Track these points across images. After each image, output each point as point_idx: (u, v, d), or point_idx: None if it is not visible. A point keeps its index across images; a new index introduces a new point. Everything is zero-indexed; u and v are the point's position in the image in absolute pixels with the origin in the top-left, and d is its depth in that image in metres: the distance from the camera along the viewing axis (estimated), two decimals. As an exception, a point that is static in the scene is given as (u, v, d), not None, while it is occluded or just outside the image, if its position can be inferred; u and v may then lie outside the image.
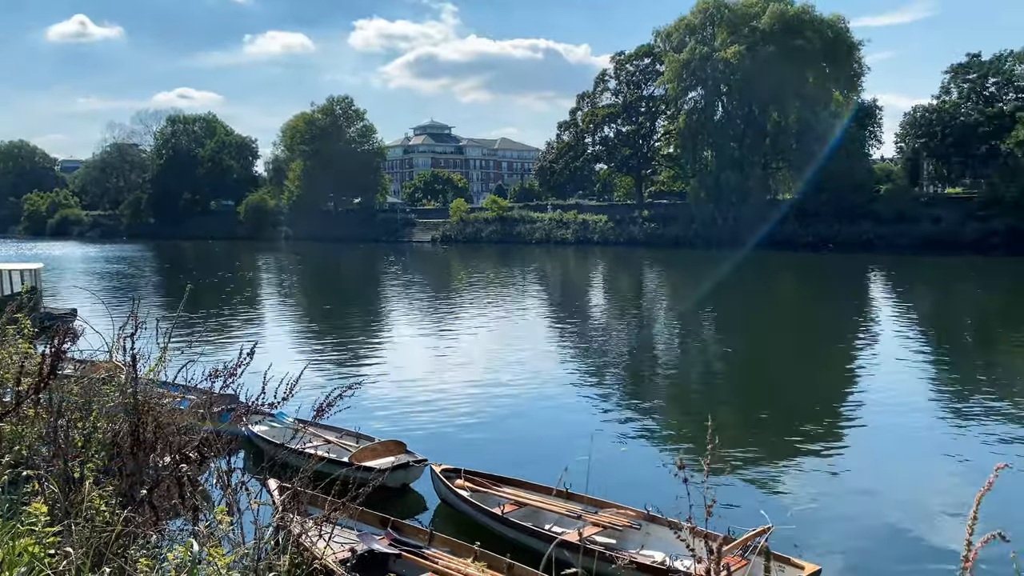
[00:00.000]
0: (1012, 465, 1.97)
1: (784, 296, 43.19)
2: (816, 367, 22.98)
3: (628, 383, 20.62)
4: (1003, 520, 8.34)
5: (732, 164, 73.99)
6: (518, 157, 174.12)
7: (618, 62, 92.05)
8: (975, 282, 46.37)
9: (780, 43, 70.49)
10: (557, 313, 35.65)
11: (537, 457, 13.54)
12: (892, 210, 67.55)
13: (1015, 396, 17.84)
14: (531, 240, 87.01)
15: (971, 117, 70.95)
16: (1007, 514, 8.60)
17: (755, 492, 11.94)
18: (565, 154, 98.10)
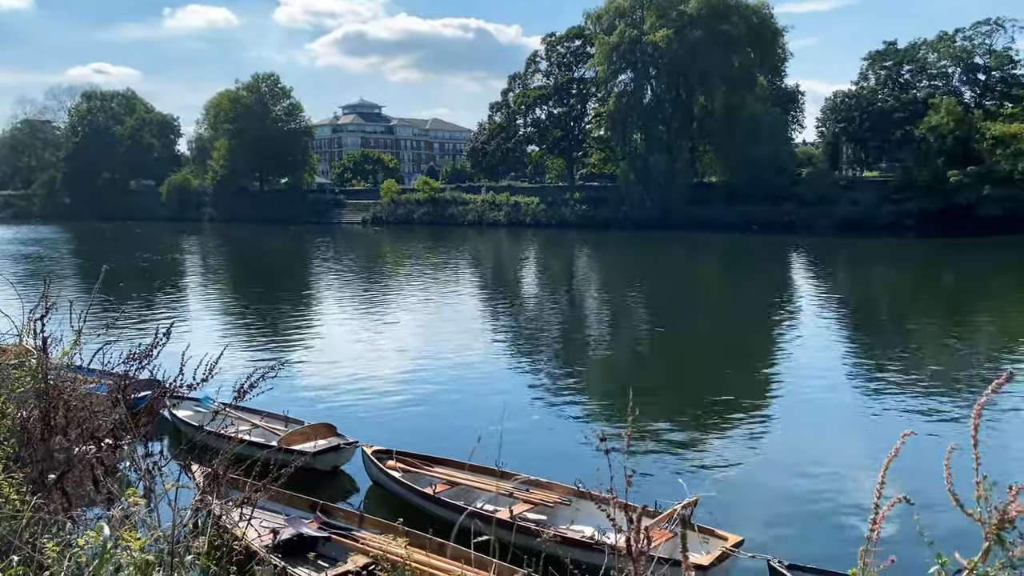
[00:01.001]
0: (918, 432, 2.05)
1: (710, 276, 44.19)
2: (740, 344, 23.62)
3: (558, 361, 20.82)
4: (912, 484, 8.69)
5: (661, 147, 75.04)
6: (450, 138, 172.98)
7: (549, 44, 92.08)
8: (889, 262, 48.33)
9: (707, 27, 71.63)
10: (489, 294, 35.71)
11: (469, 436, 13.57)
12: (813, 192, 69.69)
13: (925, 369, 18.71)
14: (463, 222, 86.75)
15: (887, 103, 73.49)
16: (917, 478, 9.00)
17: (681, 466, 12.24)
18: (497, 135, 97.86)
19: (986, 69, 73.12)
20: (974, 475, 2.02)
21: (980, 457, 2.04)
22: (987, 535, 1.96)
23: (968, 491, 2.10)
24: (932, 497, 2.33)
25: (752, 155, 69.23)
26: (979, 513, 1.98)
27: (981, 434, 3.73)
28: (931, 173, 63.95)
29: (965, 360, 20.06)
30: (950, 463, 2.13)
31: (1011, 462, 11.75)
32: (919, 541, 2.21)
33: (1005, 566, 1.96)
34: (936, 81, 74.59)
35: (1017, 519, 1.95)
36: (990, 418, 14.46)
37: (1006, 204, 59.79)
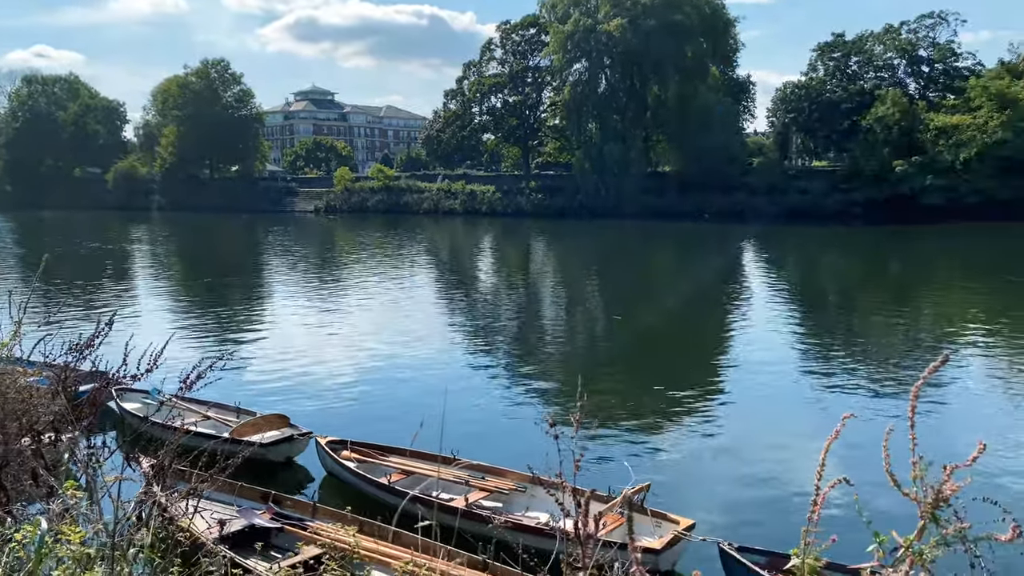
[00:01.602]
0: (866, 415, 2.10)
1: (664, 264, 44.67)
2: (694, 331, 23.94)
3: (515, 349, 20.87)
4: (858, 465, 8.91)
5: (615, 136, 75.43)
6: (404, 125, 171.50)
7: (504, 31, 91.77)
8: (837, 250, 49.42)
9: (660, 17, 72.07)
10: (445, 283, 35.62)
11: (424, 425, 13.54)
12: (764, 182, 70.88)
13: (872, 354, 19.21)
14: (418, 210, 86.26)
15: (835, 94, 74.90)
16: (863, 459, 9.24)
17: (635, 451, 12.37)
18: (452, 123, 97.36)
19: (930, 61, 74.97)
20: (911, 455, 2.07)
21: (917, 438, 2.10)
22: (922, 514, 2.02)
23: (907, 471, 2.16)
24: (875, 478, 2.39)
25: (704, 145, 70.02)
26: (915, 492, 2.03)
27: (925, 416, 3.76)
28: (877, 163, 65.44)
29: (910, 344, 20.63)
30: (888, 444, 2.19)
31: (949, 442, 12.13)
32: (860, 521, 2.27)
33: (939, 543, 2.02)
34: (882, 73, 76.25)
35: (951, 498, 2.01)
36: (934, 399, 14.91)
37: (948, 193, 61.53)
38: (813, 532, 2.16)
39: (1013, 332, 22.23)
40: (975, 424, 13.79)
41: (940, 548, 2.01)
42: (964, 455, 4.85)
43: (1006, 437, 12.82)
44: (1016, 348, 20.09)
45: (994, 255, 43.53)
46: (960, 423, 13.92)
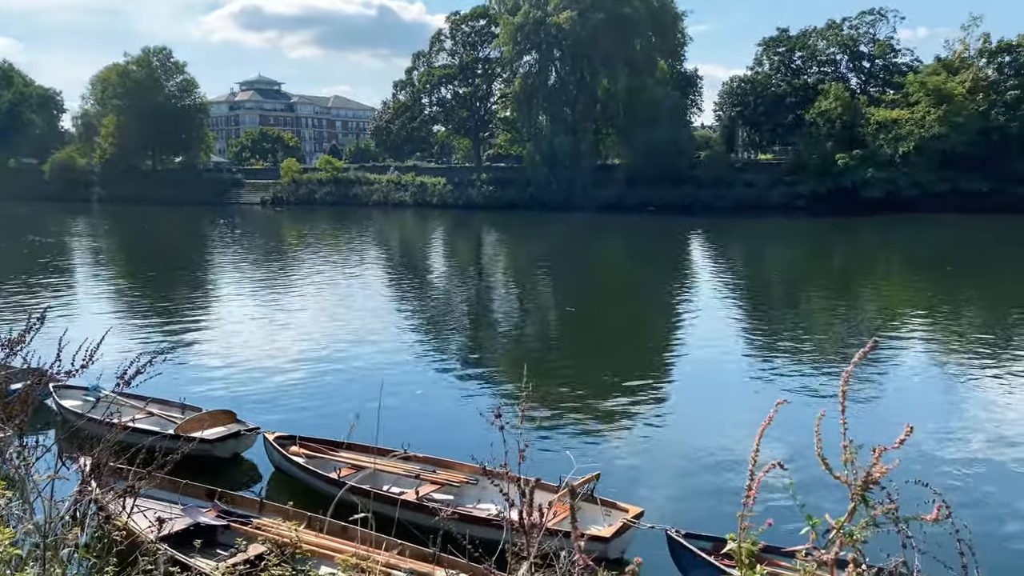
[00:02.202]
0: (802, 401, 2.15)
1: (613, 256, 45.04)
2: (642, 322, 24.23)
3: (465, 342, 20.86)
4: (797, 449, 9.08)
5: (566, 129, 75.70)
6: (353, 116, 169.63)
7: (453, 22, 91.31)
8: (781, 242, 50.45)
9: (609, 10, 72.48)
10: (395, 276, 35.39)
11: (374, 418, 13.47)
12: (711, 175, 71.91)
13: (815, 342, 19.68)
14: (368, 202, 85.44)
15: (780, 88, 76.34)
16: (802, 444, 9.45)
17: (585, 441, 12.48)
18: (402, 114, 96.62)
19: (870, 57, 76.89)
20: (842, 439, 2.13)
21: (849, 423, 2.16)
22: (853, 496, 2.08)
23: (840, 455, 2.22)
24: (812, 461, 2.44)
25: (653, 138, 70.73)
26: (846, 476, 2.09)
27: (865, 402, 3.83)
28: (820, 156, 66.91)
29: (852, 333, 21.15)
30: (820, 429, 2.25)
31: (885, 426, 12.48)
32: (796, 504, 2.32)
33: (868, 525, 2.08)
34: (825, 68, 77.95)
35: (881, 480, 2.08)
36: (874, 384, 15.35)
37: (887, 186, 63.27)
38: (749, 517, 2.20)
39: (949, 319, 23.00)
40: (912, 408, 14.23)
41: (869, 529, 2.07)
42: (906, 443, 4.97)
43: (942, 421, 13.27)
44: (952, 334, 20.78)
45: (931, 246, 44.96)
46: (898, 408, 14.36)
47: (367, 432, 12.19)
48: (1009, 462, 11.52)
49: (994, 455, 11.77)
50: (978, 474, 11.09)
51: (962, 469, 11.21)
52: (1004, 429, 12.95)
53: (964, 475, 11.05)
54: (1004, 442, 12.31)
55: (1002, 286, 29.90)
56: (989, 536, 9.26)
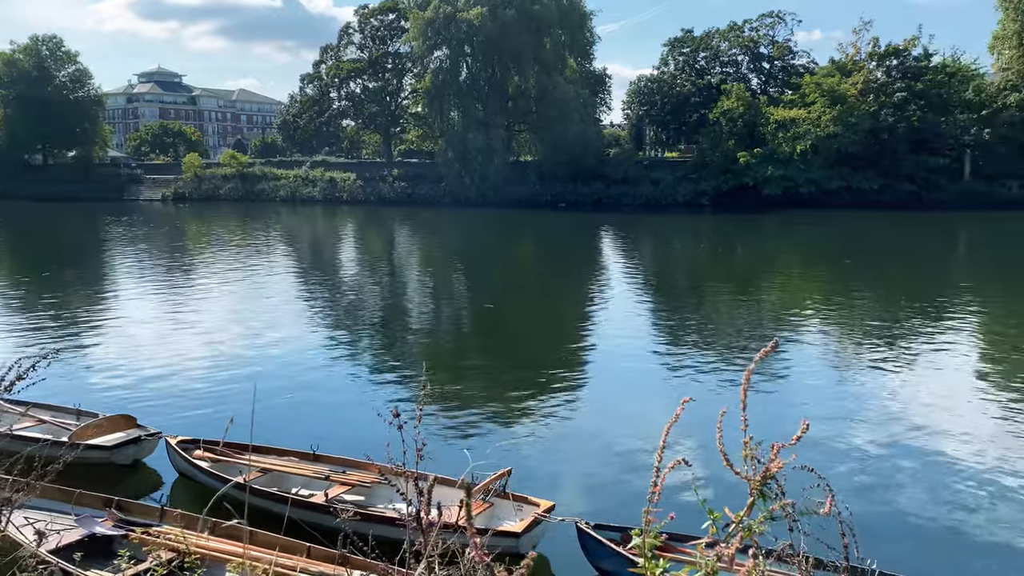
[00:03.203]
0: (710, 397, 2.20)
1: (527, 252, 45.35)
2: (555, 318, 24.48)
3: (376, 340, 20.60)
4: (703, 446, 9.33)
5: (478, 125, 75.72)
6: (259, 110, 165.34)
7: (362, 16, 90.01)
8: (687, 238, 51.89)
9: (519, 7, 72.85)
10: (303, 273, 34.64)
11: (281, 419, 13.18)
12: (619, 173, 73.39)
13: (720, 338, 20.31)
14: (275, 198, 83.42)
15: (685, 88, 78.39)
16: (708, 440, 9.74)
17: (497, 438, 12.52)
18: (310, 109, 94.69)
19: (770, 58, 79.82)
20: (743, 436, 2.19)
21: (753, 416, 2.22)
22: (752, 491, 2.14)
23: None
24: (718, 457, 2.49)
25: (564, 135, 71.60)
26: (746, 471, 2.15)
27: (767, 396, 3.94)
28: (723, 155, 69.07)
29: (757, 326, 21.93)
30: (722, 425, 2.30)
31: (787, 421, 13.01)
32: (706, 498, 2.37)
33: (767, 519, 2.15)
34: (728, 68, 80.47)
35: (777, 474, 2.15)
36: (778, 377, 15.95)
37: (786, 183, 65.88)
38: (653, 511, 2.24)
39: (847, 311, 24.12)
40: (811, 398, 14.85)
41: (768, 523, 2.14)
42: (806, 435, 5.11)
43: (838, 407, 13.90)
44: (849, 326, 21.80)
45: (828, 240, 47.03)
46: (799, 398, 14.96)
47: (275, 432, 11.94)
48: (895, 445, 12.16)
49: (882, 439, 12.41)
50: (864, 457, 11.67)
51: (850, 453, 11.78)
52: (895, 414, 13.67)
53: (851, 458, 11.61)
54: (894, 426, 12.99)
55: (894, 279, 31.56)
56: (873, 515, 9.77)
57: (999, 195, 63.57)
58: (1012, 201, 62.26)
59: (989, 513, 9.86)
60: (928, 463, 11.48)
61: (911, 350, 18.51)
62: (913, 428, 12.90)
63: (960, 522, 9.62)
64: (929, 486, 10.66)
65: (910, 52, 69.47)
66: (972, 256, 41.61)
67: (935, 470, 11.21)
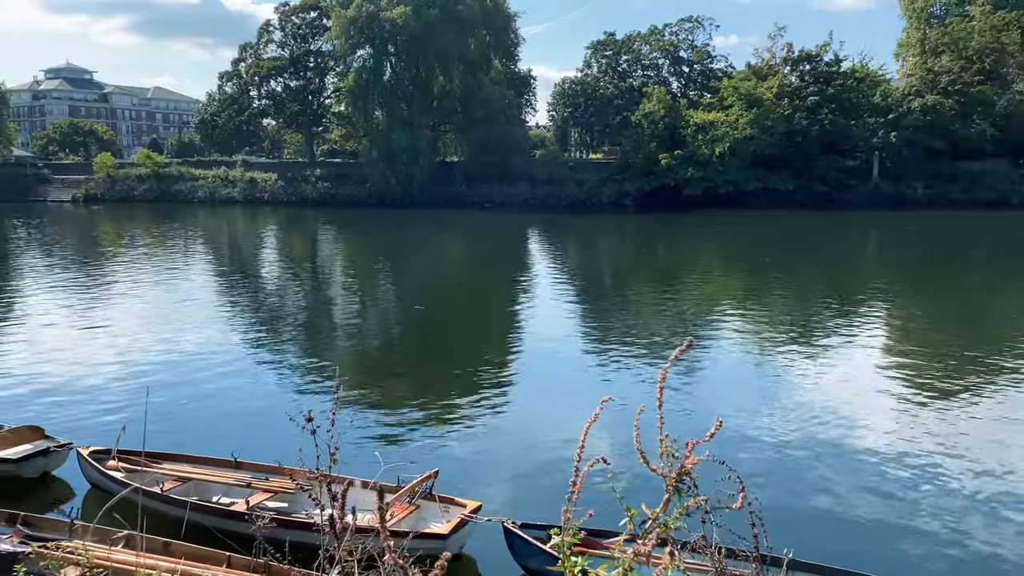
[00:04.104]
0: (615, 399, 2.23)
1: (453, 254, 45.24)
2: (482, 319, 24.49)
3: (298, 344, 20.22)
4: (624, 444, 9.44)
5: (403, 125, 75.14)
6: (175, 109, 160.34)
7: (283, 13, 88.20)
8: (611, 238, 52.66)
9: (443, 7, 72.65)
10: (222, 277, 33.72)
11: (201, 427, 12.83)
12: (545, 173, 74.03)
13: (644, 335, 20.66)
14: (193, 199, 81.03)
15: (608, 90, 79.54)
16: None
17: (425, 441, 12.46)
18: (229, 107, 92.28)
19: (689, 62, 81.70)
20: (659, 433, 2.24)
21: (670, 417, 2.27)
22: (668, 487, 2.19)
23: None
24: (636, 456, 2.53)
25: (489, 136, 71.77)
26: (662, 468, 2.20)
27: (687, 393, 4.01)
28: (645, 156, 70.38)
29: (677, 325, 22.38)
30: (639, 423, 2.35)
31: (706, 418, 13.33)
32: (600, 491, 2.41)
33: (681, 514, 2.20)
34: (649, 71, 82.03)
35: (692, 470, 2.20)
36: (699, 374, 16.32)
37: (705, 184, 67.60)
38: (573, 509, 2.27)
39: (765, 308, 24.86)
40: (732, 398, 15.26)
41: (683, 518, 2.19)
42: (723, 429, 5.17)
43: (753, 402, 14.32)
44: (768, 323, 22.47)
45: (746, 239, 48.38)
46: (720, 397, 15.35)
47: (196, 440, 11.61)
48: (809, 437, 12.61)
49: (797, 432, 12.84)
50: (780, 449, 12.06)
51: (767, 445, 12.16)
52: (810, 407, 14.16)
53: (768, 451, 11.98)
54: (809, 419, 13.46)
55: (808, 276, 32.71)
56: (789, 505, 10.11)
57: (905, 196, 66.68)
58: (917, 201, 65.38)
59: (897, 499, 10.32)
60: (840, 454, 11.94)
61: (825, 345, 19.21)
62: (826, 420, 13.40)
63: (871, 509, 10.04)
64: (842, 475, 11.08)
65: (822, 58, 72.16)
66: (880, 254, 43.46)
67: (847, 460, 11.66)
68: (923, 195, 66.68)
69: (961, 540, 9.26)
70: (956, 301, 26.98)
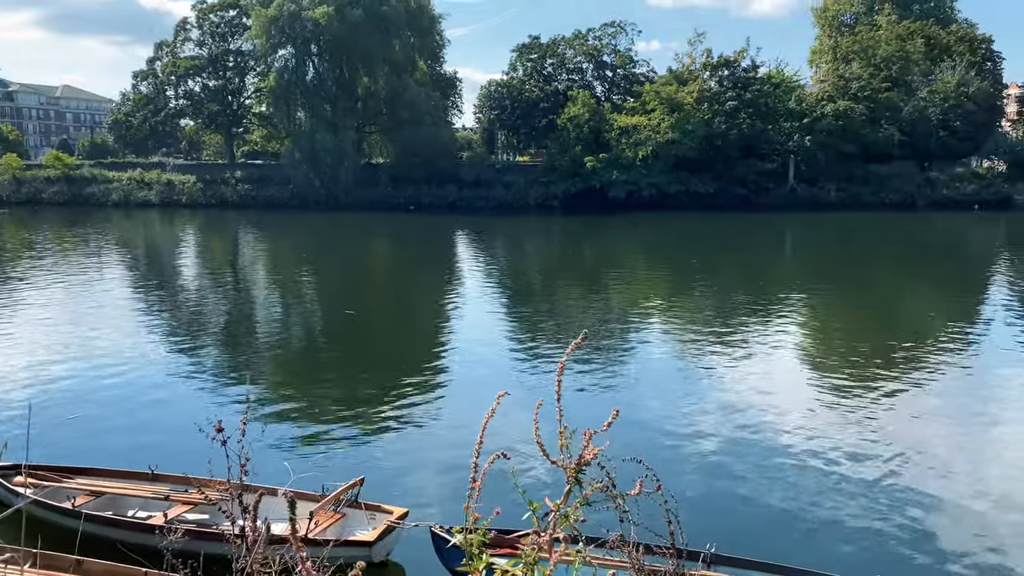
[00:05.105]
0: (511, 393, 2.28)
1: (380, 256, 44.84)
2: (410, 322, 24.35)
3: (221, 353, 19.76)
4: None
5: (326, 126, 73.96)
6: (87, 108, 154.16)
7: (201, 11, 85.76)
8: (538, 240, 53.07)
9: (367, 8, 71.86)
10: (138, 283, 32.60)
11: (119, 439, 12.41)
12: (473, 175, 74.13)
13: (572, 336, 20.87)
14: (106, 202, 78.00)
15: (534, 93, 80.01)
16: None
17: (352, 448, 12.34)
18: (144, 107, 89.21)
19: (612, 67, 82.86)
20: (558, 425, 2.29)
21: (563, 409, 2.33)
22: (568, 479, 2.24)
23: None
24: (554, 451, 2.58)
25: (416, 138, 71.35)
26: (562, 460, 2.26)
27: (610, 393, 4.05)
28: (571, 159, 71.13)
29: (603, 324, 22.70)
30: (538, 417, 2.40)
31: (626, 410, 13.60)
32: (529, 491, 2.45)
33: (582, 504, 2.26)
34: (573, 75, 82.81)
35: (592, 461, 2.26)
36: (622, 369, 16.59)
37: (629, 187, 68.76)
38: (475, 506, 2.31)
39: (687, 308, 25.44)
40: (651, 390, 15.58)
41: (582, 509, 2.25)
42: (641, 421, 5.42)
43: (673, 400, 14.66)
44: (690, 321, 23.00)
45: (669, 241, 49.42)
46: (640, 389, 15.65)
47: (110, 453, 11.22)
48: (730, 433, 12.98)
49: (718, 427, 13.21)
50: (703, 444, 12.39)
51: (683, 443, 12.47)
52: (730, 403, 14.57)
53: (684, 447, 12.29)
54: (729, 415, 13.85)
55: (728, 277, 33.61)
56: (712, 500, 10.40)
57: (819, 198, 69.23)
58: (831, 204, 67.97)
59: (815, 491, 10.71)
60: (759, 449, 12.33)
61: (745, 343, 19.79)
62: (747, 416, 13.81)
63: (791, 502, 10.40)
64: (761, 470, 11.44)
65: (739, 64, 74.24)
66: (797, 255, 45.03)
67: (766, 455, 12.05)
68: (836, 197, 69.34)
69: (875, 527, 9.68)
70: (869, 299, 28.17)
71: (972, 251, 46.10)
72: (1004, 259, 40.89)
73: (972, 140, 72.72)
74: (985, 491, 10.82)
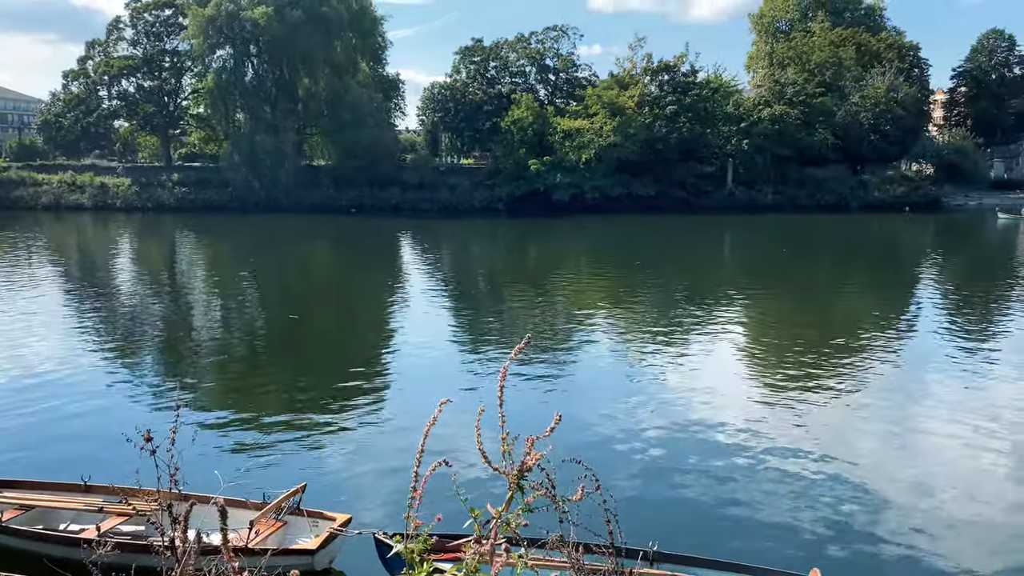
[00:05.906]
0: (453, 400, 2.27)
1: (322, 259, 44.28)
2: (354, 327, 24.10)
3: (159, 360, 19.25)
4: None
5: (267, 128, 72.74)
6: (14, 108, 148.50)
7: (135, 10, 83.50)
8: (483, 242, 53.08)
9: (307, 9, 70.95)
10: (70, 289, 31.52)
11: (52, 451, 12.00)
12: (417, 178, 73.77)
13: (518, 340, 20.90)
14: (35, 206, 75.27)
15: (477, 96, 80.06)
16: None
17: (294, 454, 12.15)
18: (75, 108, 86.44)
19: (555, 70, 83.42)
20: (501, 432, 2.29)
21: (507, 414, 2.33)
22: (511, 485, 2.24)
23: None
24: (497, 457, 2.58)
25: (358, 140, 70.67)
26: (504, 467, 2.25)
27: (557, 395, 4.04)
28: (515, 162, 71.40)
29: (549, 327, 22.80)
30: (480, 423, 2.40)
31: (576, 414, 13.69)
32: (474, 493, 2.44)
33: (524, 510, 2.26)
34: (517, 78, 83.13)
35: (534, 467, 2.26)
36: (570, 370, 16.69)
37: (573, 190, 69.30)
38: (416, 513, 2.29)
39: (631, 309, 25.72)
40: (596, 398, 15.70)
41: (524, 515, 2.25)
42: (583, 422, 5.46)
43: (618, 402, 14.81)
44: (633, 322, 23.27)
45: (612, 243, 49.94)
46: (584, 392, 15.76)
47: (42, 467, 10.83)
48: (671, 433, 13.17)
49: (661, 427, 13.39)
50: (644, 445, 12.54)
51: (623, 443, 12.60)
52: (672, 403, 14.79)
53: (625, 448, 12.43)
54: (671, 414, 14.05)
55: (670, 278, 34.11)
56: (646, 501, 10.53)
57: (757, 200, 70.84)
58: (767, 206, 69.60)
59: (756, 488, 10.93)
60: (698, 447, 12.53)
61: (685, 343, 20.11)
62: (686, 415, 14.03)
63: (731, 498, 10.59)
64: (701, 468, 11.63)
65: (679, 68, 75.47)
66: (736, 256, 45.92)
67: (705, 453, 12.26)
68: (773, 200, 71.02)
69: (810, 520, 9.93)
70: (805, 299, 28.91)
71: (903, 252, 47.73)
72: (933, 260, 42.47)
73: (901, 144, 75.35)
74: (913, 483, 11.21)
